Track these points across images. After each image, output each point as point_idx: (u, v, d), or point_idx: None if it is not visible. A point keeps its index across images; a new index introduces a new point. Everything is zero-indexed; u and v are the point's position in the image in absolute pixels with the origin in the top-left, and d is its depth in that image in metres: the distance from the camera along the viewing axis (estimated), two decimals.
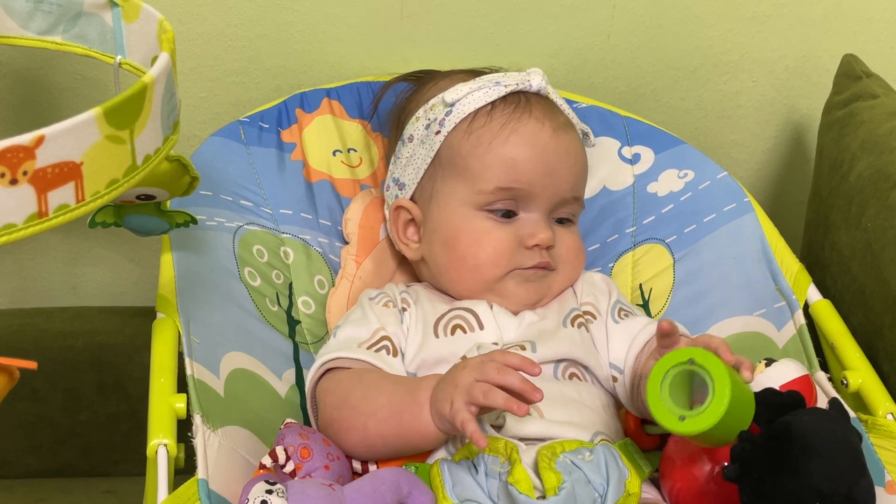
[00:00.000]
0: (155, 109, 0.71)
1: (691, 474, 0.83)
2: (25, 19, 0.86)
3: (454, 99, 0.98)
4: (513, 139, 0.96)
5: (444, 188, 0.98)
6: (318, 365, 0.92)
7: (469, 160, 0.97)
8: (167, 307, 0.90)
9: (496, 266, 0.96)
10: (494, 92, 0.98)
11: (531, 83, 0.99)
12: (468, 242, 0.96)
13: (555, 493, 0.78)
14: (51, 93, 1.13)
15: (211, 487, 0.76)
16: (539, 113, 0.98)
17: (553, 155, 0.97)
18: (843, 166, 1.06)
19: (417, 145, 1.00)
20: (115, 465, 1.25)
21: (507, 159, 0.96)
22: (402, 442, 0.85)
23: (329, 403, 0.89)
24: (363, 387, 0.88)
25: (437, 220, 0.99)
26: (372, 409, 0.86)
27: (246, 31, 1.13)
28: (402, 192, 1.02)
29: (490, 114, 0.97)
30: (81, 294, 1.27)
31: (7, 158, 0.62)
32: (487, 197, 0.96)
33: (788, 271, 1.02)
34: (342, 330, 0.95)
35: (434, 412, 0.83)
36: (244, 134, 1.07)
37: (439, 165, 0.99)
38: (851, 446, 0.76)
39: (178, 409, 0.81)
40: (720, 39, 1.22)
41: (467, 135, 0.97)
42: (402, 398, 0.85)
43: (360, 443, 0.86)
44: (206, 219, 0.98)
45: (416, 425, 0.83)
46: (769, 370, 0.88)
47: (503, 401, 0.78)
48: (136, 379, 1.19)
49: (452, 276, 0.98)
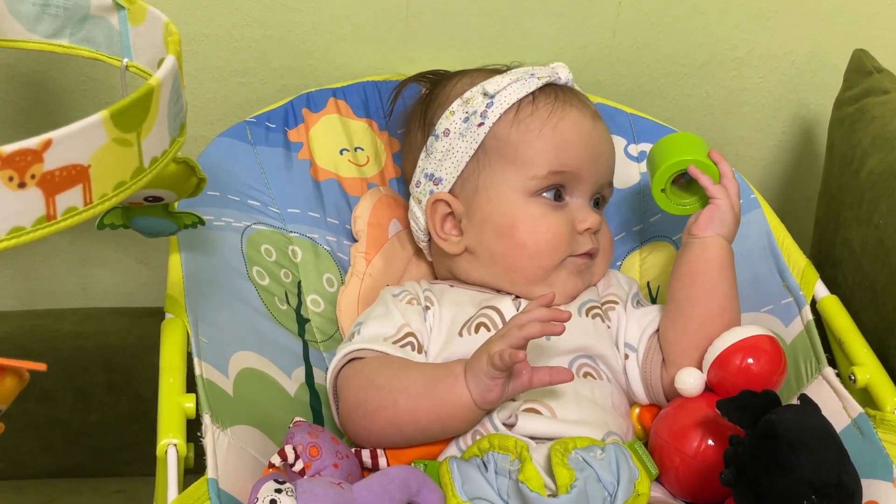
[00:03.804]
0: (161, 112, 0.71)
1: (684, 454, 0.86)
2: (32, 23, 0.86)
3: (495, 90, 0.99)
4: (562, 126, 0.98)
5: (493, 178, 0.98)
6: (341, 356, 0.93)
7: (519, 147, 0.98)
8: (176, 307, 0.90)
9: (556, 251, 0.97)
10: (532, 83, 0.99)
11: (560, 76, 1.02)
12: (527, 229, 0.97)
13: (567, 491, 0.78)
14: (59, 95, 1.14)
15: (221, 487, 0.77)
16: (578, 102, 1.00)
17: (597, 141, 1.00)
18: (853, 162, 1.06)
19: (456, 139, 1.00)
20: (126, 465, 1.26)
21: (559, 143, 0.97)
22: (432, 418, 0.86)
23: (353, 387, 0.90)
24: (391, 369, 0.90)
25: (488, 210, 0.98)
26: (402, 385, 0.87)
27: (252, 31, 1.13)
28: (438, 186, 1.01)
29: (534, 103, 0.99)
30: (91, 295, 1.28)
31: (15, 162, 0.62)
32: (541, 182, 0.97)
33: (795, 267, 1.02)
34: (366, 326, 0.95)
35: (471, 380, 0.84)
36: (251, 134, 1.07)
37: (484, 156, 0.99)
38: (833, 436, 0.78)
39: (187, 409, 0.82)
40: (726, 35, 1.22)
41: (515, 124, 0.98)
42: (435, 372, 0.88)
43: (388, 422, 0.87)
44: (213, 219, 0.98)
45: (451, 396, 0.85)
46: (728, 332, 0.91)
47: (539, 328, 0.83)
48: (146, 379, 1.20)
49: (509, 265, 0.98)
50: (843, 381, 0.92)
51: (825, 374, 0.93)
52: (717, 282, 0.95)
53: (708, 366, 0.90)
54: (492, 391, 0.84)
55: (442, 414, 0.86)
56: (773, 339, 0.90)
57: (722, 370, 0.90)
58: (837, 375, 0.93)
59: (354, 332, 0.96)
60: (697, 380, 0.90)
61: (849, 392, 0.90)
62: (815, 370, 0.94)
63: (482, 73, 1.04)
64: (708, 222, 0.96)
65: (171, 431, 0.80)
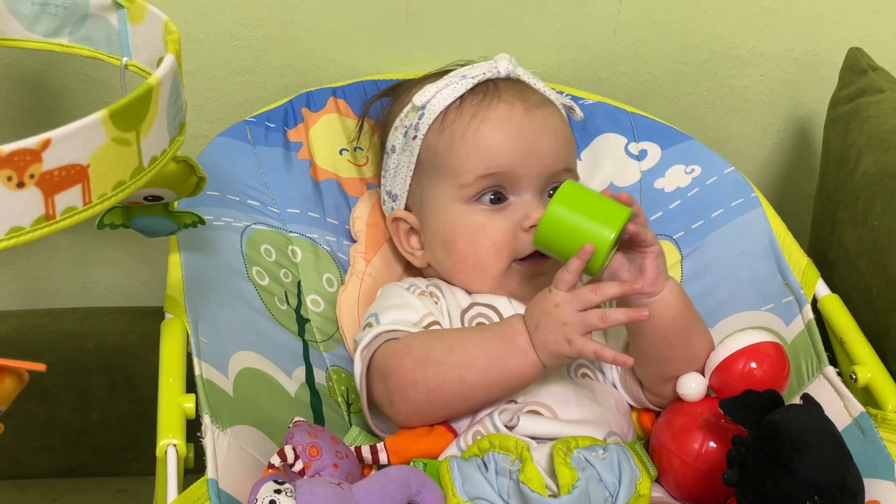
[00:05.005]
0: (161, 111, 0.71)
1: (684, 457, 0.85)
2: (31, 22, 0.86)
3: (423, 101, 0.98)
4: (484, 127, 0.96)
5: (432, 191, 0.99)
6: (371, 336, 0.91)
7: (447, 157, 0.97)
8: (175, 308, 0.90)
9: (498, 258, 0.96)
10: (462, 86, 0.98)
11: (499, 69, 0.99)
12: (465, 241, 0.96)
13: (568, 492, 0.78)
14: (58, 94, 1.14)
15: (220, 487, 0.77)
16: (508, 96, 0.97)
17: (529, 133, 0.96)
18: (848, 163, 1.06)
19: (400, 155, 1.01)
20: (128, 464, 1.26)
21: (482, 146, 0.96)
22: (504, 388, 0.87)
23: (407, 364, 0.88)
24: (444, 342, 0.89)
25: (434, 224, 0.99)
26: (465, 359, 0.87)
27: (252, 30, 1.13)
28: (395, 203, 1.03)
29: (459, 108, 0.97)
30: (91, 295, 1.28)
31: (14, 161, 0.62)
32: (471, 189, 0.96)
33: (796, 266, 1.02)
34: (386, 314, 0.94)
35: (545, 354, 0.85)
36: (251, 134, 1.07)
37: (422, 170, 0.99)
38: (836, 436, 0.78)
39: (186, 409, 0.82)
40: (728, 33, 1.21)
41: (440, 133, 0.98)
42: (498, 346, 0.87)
43: (455, 395, 0.87)
44: (213, 219, 0.98)
45: (523, 367, 0.86)
46: (732, 337, 0.90)
47: (624, 315, 0.83)
48: (146, 378, 1.19)
49: (461, 278, 0.98)
50: (845, 380, 0.92)
51: (826, 373, 0.93)
52: (690, 332, 0.90)
53: (711, 371, 0.90)
54: (566, 356, 0.85)
55: (515, 384, 0.87)
56: (777, 344, 0.90)
57: (725, 374, 0.89)
58: (838, 374, 0.93)
59: (371, 322, 0.95)
60: (699, 385, 0.90)
61: (850, 391, 0.90)
62: (816, 369, 0.94)
63: (430, 79, 1.02)
64: (656, 274, 0.88)
65: (170, 432, 0.80)
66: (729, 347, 0.90)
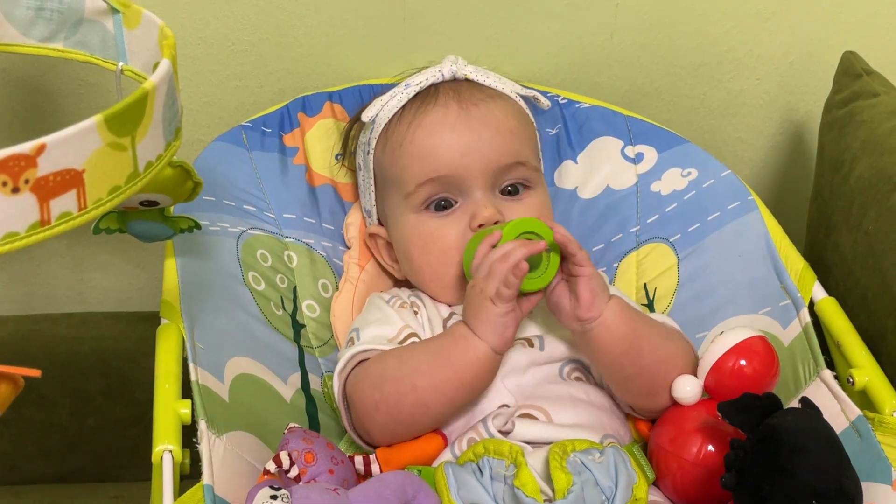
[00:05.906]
0: (156, 116, 0.71)
1: (683, 460, 0.85)
2: (27, 27, 0.86)
3: (371, 116, 0.99)
4: (419, 133, 0.96)
5: (388, 204, 1.00)
6: (345, 360, 0.92)
7: (392, 170, 0.98)
8: (171, 313, 0.90)
9: (450, 264, 0.95)
10: (405, 95, 0.98)
11: (443, 72, 0.99)
12: (418, 251, 0.97)
13: (564, 497, 0.78)
14: (54, 99, 1.14)
15: (216, 493, 0.76)
16: (445, 98, 0.97)
17: (465, 132, 0.95)
18: (843, 167, 1.06)
19: (364, 172, 1.02)
20: (124, 469, 1.26)
21: (419, 153, 0.96)
22: (457, 384, 0.86)
23: (367, 388, 0.88)
24: (395, 357, 0.89)
25: (395, 237, 1.00)
26: (413, 366, 0.87)
27: (248, 35, 1.13)
28: (371, 219, 1.04)
29: (399, 118, 0.98)
30: (87, 300, 1.27)
31: (9, 167, 0.62)
32: (415, 197, 0.96)
33: (793, 269, 1.02)
34: (366, 331, 0.95)
35: (484, 330, 0.84)
36: (247, 138, 1.07)
37: (379, 185, 1.01)
38: (834, 440, 0.78)
39: (182, 414, 0.82)
40: (724, 37, 1.21)
41: (385, 146, 0.99)
42: (439, 342, 0.88)
43: (414, 407, 0.86)
44: (209, 224, 0.98)
45: (468, 356, 0.85)
46: (721, 336, 0.90)
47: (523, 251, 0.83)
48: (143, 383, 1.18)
49: (427, 289, 0.98)
50: (842, 384, 0.92)
51: (823, 377, 0.93)
52: (639, 351, 0.88)
53: (705, 372, 0.90)
54: (508, 328, 0.85)
55: (465, 377, 0.86)
56: (764, 339, 0.90)
57: (717, 375, 0.89)
58: (836, 378, 0.93)
59: (353, 338, 0.95)
60: (695, 387, 0.89)
61: (847, 394, 0.90)
62: (814, 372, 0.94)
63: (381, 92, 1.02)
64: (591, 298, 0.86)
65: (166, 438, 0.80)
66: (721, 347, 0.90)
